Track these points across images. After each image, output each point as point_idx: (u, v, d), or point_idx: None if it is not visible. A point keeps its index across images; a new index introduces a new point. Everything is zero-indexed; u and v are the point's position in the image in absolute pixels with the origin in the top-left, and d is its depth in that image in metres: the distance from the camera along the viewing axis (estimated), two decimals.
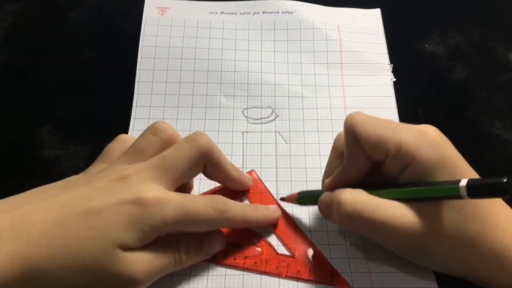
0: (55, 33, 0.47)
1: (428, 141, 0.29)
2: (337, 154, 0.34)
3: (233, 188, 0.37)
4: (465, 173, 0.29)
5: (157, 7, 0.47)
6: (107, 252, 0.27)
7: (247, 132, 0.41)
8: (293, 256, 0.35)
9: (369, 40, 0.47)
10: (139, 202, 0.28)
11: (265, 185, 0.38)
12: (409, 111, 0.43)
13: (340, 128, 0.41)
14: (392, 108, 0.43)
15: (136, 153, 0.32)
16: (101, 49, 0.46)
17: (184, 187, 0.35)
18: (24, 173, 0.39)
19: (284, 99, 0.43)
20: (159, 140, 0.33)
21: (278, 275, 0.33)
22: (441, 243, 0.29)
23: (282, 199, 0.37)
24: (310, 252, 0.35)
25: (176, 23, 0.46)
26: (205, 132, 0.40)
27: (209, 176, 0.35)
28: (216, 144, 0.40)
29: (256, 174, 0.39)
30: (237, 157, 0.40)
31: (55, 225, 0.27)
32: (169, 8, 0.47)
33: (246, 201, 0.37)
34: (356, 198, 0.30)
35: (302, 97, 0.43)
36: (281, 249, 0.35)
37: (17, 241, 0.26)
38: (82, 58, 0.46)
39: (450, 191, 0.27)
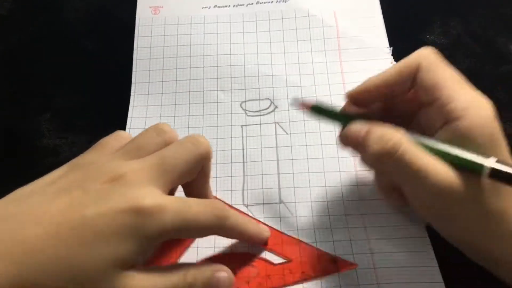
0: (53, 20, 0.47)
1: (479, 107, 0.29)
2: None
3: None
4: (503, 151, 0.29)
5: (150, 7, 0.47)
6: (105, 272, 0.25)
7: (246, 125, 0.41)
8: (290, 261, 0.34)
9: (367, 23, 0.46)
10: (135, 211, 0.26)
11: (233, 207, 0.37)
12: None
13: None
14: None
15: (134, 148, 0.30)
16: (99, 37, 0.46)
17: None
18: (23, 162, 0.39)
19: (282, 89, 0.42)
20: (161, 140, 0.30)
21: (286, 284, 0.33)
22: (472, 211, 0.28)
23: (295, 100, 0.34)
24: (303, 249, 0.34)
25: (170, 21, 0.46)
26: (204, 128, 0.41)
27: (190, 185, 0.32)
28: (216, 139, 0.40)
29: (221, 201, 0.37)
30: (237, 151, 0.39)
31: (47, 241, 0.25)
32: (162, 7, 0.47)
33: None
34: (401, 138, 0.29)
35: (301, 86, 0.42)
36: (276, 259, 0.34)
37: (6, 262, 0.24)
38: (81, 46, 0.46)
39: (474, 164, 0.27)
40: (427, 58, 0.30)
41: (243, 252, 0.34)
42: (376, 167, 0.33)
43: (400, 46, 0.44)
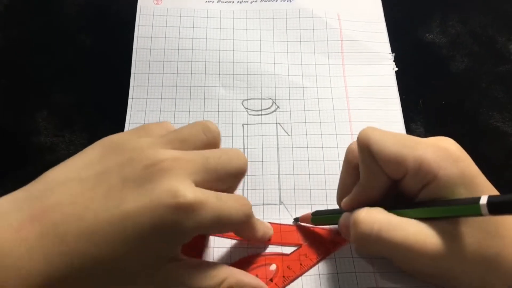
0: (50, 16, 0.46)
1: (448, 157, 0.28)
2: (350, 168, 0.32)
3: None
4: (486, 190, 0.28)
5: None
6: (146, 267, 0.25)
7: (247, 124, 0.40)
8: (300, 246, 0.34)
9: (370, 29, 0.46)
10: (176, 207, 0.25)
11: None
12: (408, 102, 0.42)
13: (342, 118, 0.41)
14: (395, 98, 0.42)
15: (177, 139, 0.28)
16: (97, 33, 0.45)
17: None
18: (19, 160, 0.38)
19: (284, 89, 0.42)
20: (206, 139, 0.29)
21: (307, 269, 0.33)
22: (463, 262, 0.27)
23: (296, 219, 0.36)
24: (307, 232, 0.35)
25: (172, 13, 0.45)
26: None
27: None
28: None
29: None
30: None
31: (89, 239, 0.24)
32: None
33: None
34: (374, 217, 0.28)
35: (303, 87, 0.42)
36: (287, 249, 0.34)
37: (51, 262, 0.23)
38: (79, 42, 0.44)
39: (471, 210, 0.26)
40: (371, 138, 0.29)
41: (254, 254, 0.34)
42: (364, 251, 0.33)
43: (400, 45, 0.45)
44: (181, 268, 0.27)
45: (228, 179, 0.29)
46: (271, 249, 0.34)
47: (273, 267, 0.33)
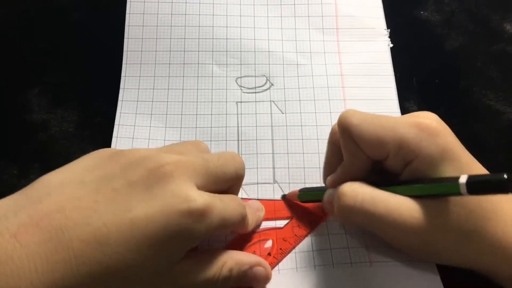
0: None
1: (428, 134, 0.28)
2: (334, 148, 0.32)
3: None
4: (467, 164, 0.28)
5: None
6: (155, 272, 0.25)
7: (241, 102, 0.40)
8: (292, 218, 0.35)
9: (365, 3, 0.45)
10: (189, 212, 0.25)
11: None
12: (402, 80, 0.42)
13: (336, 96, 0.41)
14: (389, 75, 0.42)
15: (174, 149, 0.29)
16: (90, 11, 0.44)
17: None
18: (12, 137, 0.38)
19: (278, 67, 0.42)
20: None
21: (302, 239, 0.34)
22: (445, 238, 0.28)
23: (283, 196, 0.36)
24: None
25: None
26: (198, 103, 0.40)
27: None
28: (210, 115, 0.39)
29: None
30: (232, 129, 0.39)
31: (96, 246, 0.23)
32: None
33: None
34: (357, 190, 0.29)
35: (297, 64, 0.42)
36: (280, 222, 0.35)
37: (54, 270, 0.22)
38: (71, 20, 0.44)
39: (450, 188, 0.26)
40: (351, 122, 0.29)
41: (248, 232, 0.34)
42: (347, 224, 0.33)
43: (394, 22, 0.44)
44: (187, 265, 0.27)
45: (225, 182, 0.29)
46: (265, 224, 0.35)
47: (269, 242, 0.34)
